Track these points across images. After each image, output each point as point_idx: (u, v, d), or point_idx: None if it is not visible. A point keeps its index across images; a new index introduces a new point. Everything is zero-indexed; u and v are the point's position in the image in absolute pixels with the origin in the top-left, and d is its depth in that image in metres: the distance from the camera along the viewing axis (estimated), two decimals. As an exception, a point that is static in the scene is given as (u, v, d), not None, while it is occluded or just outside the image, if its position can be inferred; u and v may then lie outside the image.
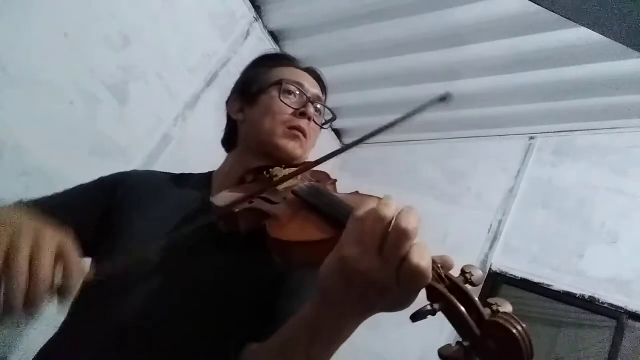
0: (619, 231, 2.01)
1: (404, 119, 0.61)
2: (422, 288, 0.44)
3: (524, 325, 0.40)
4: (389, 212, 0.45)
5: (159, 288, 0.69)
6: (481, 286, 0.45)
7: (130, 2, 1.80)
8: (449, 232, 2.30)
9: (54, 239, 0.50)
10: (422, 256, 0.43)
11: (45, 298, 0.47)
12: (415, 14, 2.07)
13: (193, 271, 0.71)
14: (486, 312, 0.42)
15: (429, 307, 0.43)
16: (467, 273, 0.46)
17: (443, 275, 0.46)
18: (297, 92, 0.87)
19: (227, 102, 0.94)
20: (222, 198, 0.72)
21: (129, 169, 1.95)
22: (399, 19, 2.14)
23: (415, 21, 2.10)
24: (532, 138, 2.50)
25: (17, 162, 1.50)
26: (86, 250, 0.59)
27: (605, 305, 1.88)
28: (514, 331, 0.39)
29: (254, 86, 0.89)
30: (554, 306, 2.00)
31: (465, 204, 2.46)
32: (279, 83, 0.86)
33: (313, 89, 0.90)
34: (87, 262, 0.72)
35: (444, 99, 0.62)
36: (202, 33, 2.12)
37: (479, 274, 0.46)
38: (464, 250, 2.18)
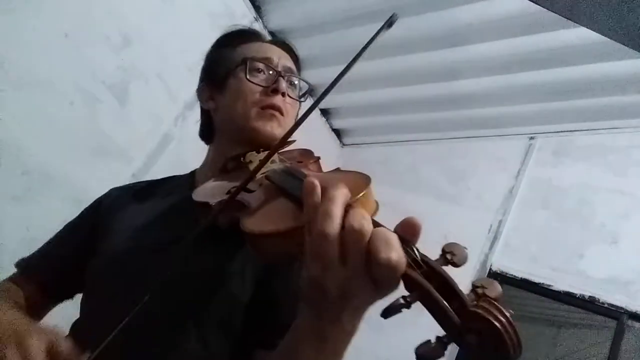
0: (619, 231, 2.01)
1: (361, 51, 0.57)
2: (399, 280, 0.40)
3: (508, 314, 0.35)
4: (332, 225, 0.40)
5: (146, 287, 0.65)
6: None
7: (130, 2, 1.80)
8: (449, 232, 2.29)
9: (40, 342, 0.50)
10: (388, 247, 0.38)
11: None
12: (415, 14, 2.07)
13: (177, 269, 0.66)
14: (470, 297, 0.37)
15: (401, 300, 0.38)
16: (447, 253, 0.40)
17: (418, 259, 0.40)
18: (265, 68, 0.81)
19: (197, 91, 0.91)
20: (202, 190, 0.69)
21: (129, 169, 1.96)
22: (399, 19, 2.13)
23: (415, 21, 2.10)
24: (532, 138, 2.50)
25: (17, 162, 1.50)
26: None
27: (605, 305, 1.88)
28: (496, 323, 0.34)
29: (220, 70, 0.85)
30: (554, 306, 1.99)
31: (465, 204, 2.46)
32: (244, 62, 0.80)
33: (283, 61, 0.84)
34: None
35: (391, 23, 0.58)
36: (202, 33, 2.11)
37: (462, 253, 0.40)
38: (464, 250, 2.18)
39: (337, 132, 3.12)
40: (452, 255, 0.40)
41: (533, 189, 2.34)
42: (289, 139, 0.62)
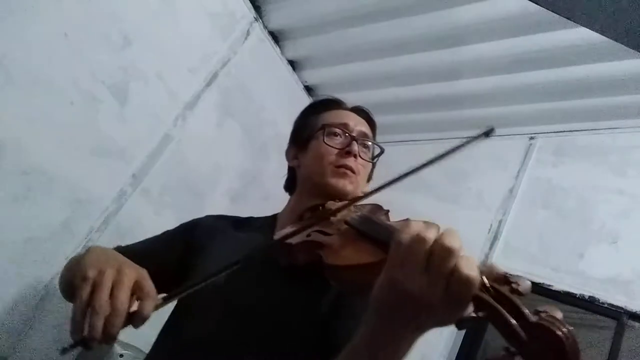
0: (619, 231, 2.01)
1: (448, 153, 0.70)
2: (470, 299, 0.45)
3: (570, 328, 0.41)
4: (430, 233, 0.48)
5: (224, 314, 0.76)
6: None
7: (130, 2, 1.80)
8: (449, 232, 2.30)
9: (131, 274, 0.59)
10: (471, 267, 0.45)
11: (121, 327, 0.56)
12: (415, 14, 2.07)
13: (252, 301, 0.77)
14: (533, 318, 0.43)
15: (473, 314, 0.45)
16: (513, 283, 0.47)
17: (488, 285, 0.46)
18: (342, 133, 0.95)
19: (285, 152, 1.06)
20: (283, 232, 0.77)
21: (129, 169, 1.96)
22: (399, 19, 2.14)
23: (415, 21, 2.10)
24: (532, 138, 2.49)
25: (17, 162, 1.50)
26: (168, 287, 0.68)
27: (605, 305, 1.88)
28: (559, 332, 0.40)
29: (304, 134, 1.00)
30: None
31: (465, 204, 2.46)
32: (323, 128, 0.95)
33: (359, 127, 0.99)
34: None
35: (488, 133, 0.66)
36: (202, 33, 2.12)
37: (525, 284, 0.47)
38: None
39: (337, 132, 3.12)
40: (517, 285, 0.47)
41: (533, 189, 2.34)
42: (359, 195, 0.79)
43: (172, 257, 0.92)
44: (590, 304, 1.91)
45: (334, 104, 1.05)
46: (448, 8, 2.00)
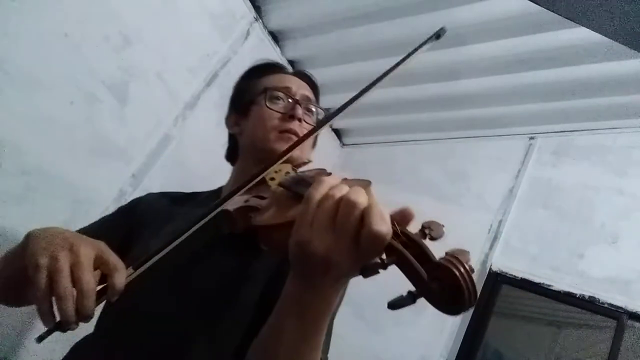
0: (619, 231, 2.01)
1: (402, 61, 0.65)
2: (382, 252, 0.45)
3: (467, 267, 0.41)
4: (338, 191, 0.47)
5: (166, 289, 0.73)
6: (481, 285, 0.45)
7: (130, 2, 1.80)
8: (449, 232, 2.27)
9: (88, 251, 0.55)
10: (382, 220, 0.44)
11: (95, 305, 0.53)
12: (415, 14, 2.07)
13: (197, 273, 0.74)
14: (435, 259, 0.43)
15: (378, 260, 0.44)
16: (426, 228, 0.46)
17: (399, 232, 0.46)
18: (284, 97, 0.91)
19: (225, 119, 1.01)
20: (229, 203, 0.75)
21: (128, 169, 1.96)
22: (399, 19, 2.14)
23: (415, 21, 2.10)
24: (532, 138, 2.50)
25: (17, 162, 1.50)
26: None
27: (605, 305, 1.88)
28: (455, 271, 0.40)
29: (244, 98, 0.95)
30: (554, 306, 1.99)
31: (465, 204, 2.46)
32: (265, 91, 0.90)
33: (301, 90, 0.94)
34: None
35: (439, 35, 0.65)
36: (202, 33, 2.12)
37: (439, 229, 0.46)
38: (464, 250, 2.18)
39: (337, 132, 3.12)
40: (429, 230, 0.46)
41: (533, 189, 2.34)
42: (304, 160, 0.75)
43: (116, 241, 0.84)
44: (590, 304, 1.91)
45: (275, 67, 1.01)
46: (448, 8, 2.00)
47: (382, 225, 0.44)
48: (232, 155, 1.01)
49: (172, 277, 0.72)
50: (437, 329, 2.06)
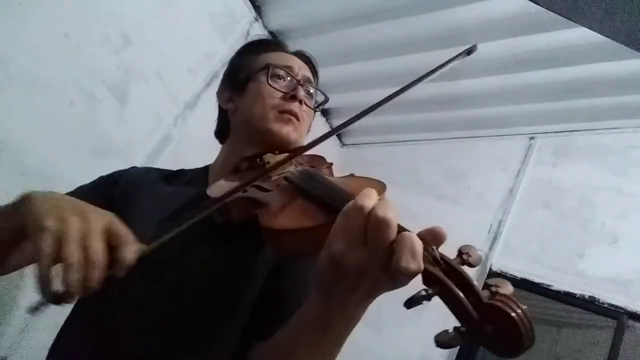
0: (619, 231, 2.01)
1: (427, 75, 0.63)
2: (415, 272, 0.42)
3: (524, 307, 0.38)
4: (368, 202, 0.45)
5: (154, 279, 0.67)
6: (481, 285, 0.43)
7: (130, 2, 1.80)
8: (449, 233, 2.28)
9: (100, 221, 0.51)
10: (411, 258, 0.41)
11: (101, 278, 0.48)
12: (415, 14, 2.07)
13: (186, 263, 0.70)
14: (484, 294, 0.40)
15: (423, 292, 0.41)
16: (464, 254, 0.44)
17: (438, 258, 0.44)
18: (286, 76, 0.85)
19: (217, 93, 0.94)
20: (217, 187, 0.71)
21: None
22: (399, 19, 2.14)
23: (415, 21, 2.10)
24: (532, 138, 2.50)
25: (17, 162, 1.50)
26: None
27: (605, 305, 1.88)
28: (513, 314, 0.37)
29: (242, 74, 0.88)
30: (554, 306, 1.99)
31: (465, 204, 2.46)
32: (267, 68, 0.84)
33: (303, 71, 0.89)
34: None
35: (470, 51, 0.62)
36: (202, 33, 2.12)
37: (476, 254, 0.44)
38: (464, 250, 2.18)
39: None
40: (468, 256, 0.44)
41: (533, 189, 2.34)
42: (301, 145, 0.68)
43: None
44: (590, 304, 1.91)
45: (275, 45, 0.95)
46: (448, 8, 2.00)
47: (411, 263, 0.41)
48: (222, 132, 0.95)
49: (163, 265, 0.67)
50: (437, 329, 2.06)
